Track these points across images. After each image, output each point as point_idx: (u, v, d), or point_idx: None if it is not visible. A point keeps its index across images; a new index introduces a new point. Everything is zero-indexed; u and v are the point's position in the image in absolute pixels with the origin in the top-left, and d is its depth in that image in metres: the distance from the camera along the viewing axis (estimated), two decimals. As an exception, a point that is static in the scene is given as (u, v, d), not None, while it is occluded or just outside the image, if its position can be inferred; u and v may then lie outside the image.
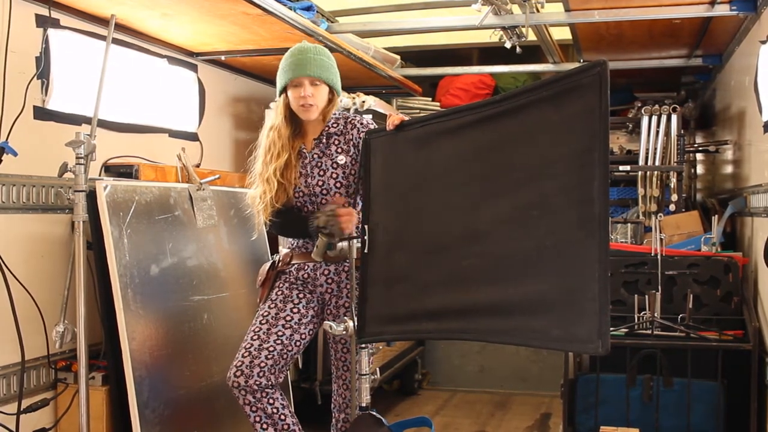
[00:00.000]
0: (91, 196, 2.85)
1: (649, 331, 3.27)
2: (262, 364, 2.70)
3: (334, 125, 2.85)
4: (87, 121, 3.05)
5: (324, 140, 2.83)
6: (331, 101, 2.82)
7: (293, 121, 2.83)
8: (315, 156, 2.82)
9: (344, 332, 2.63)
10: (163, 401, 2.96)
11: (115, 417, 3.00)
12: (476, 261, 2.25)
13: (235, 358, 2.74)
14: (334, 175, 2.81)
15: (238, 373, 2.69)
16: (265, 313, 2.81)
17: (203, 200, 3.45)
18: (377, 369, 2.82)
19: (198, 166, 4.00)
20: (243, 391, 2.69)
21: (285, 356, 2.76)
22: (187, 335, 3.18)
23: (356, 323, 2.62)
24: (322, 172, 2.81)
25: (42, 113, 3.00)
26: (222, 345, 3.35)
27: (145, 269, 3.02)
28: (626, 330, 3.33)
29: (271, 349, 2.73)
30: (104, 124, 3.30)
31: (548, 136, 2.06)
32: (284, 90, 2.79)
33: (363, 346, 2.67)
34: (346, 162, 2.81)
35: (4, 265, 2.73)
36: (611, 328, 3.29)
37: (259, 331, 2.77)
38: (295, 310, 2.82)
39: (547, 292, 2.00)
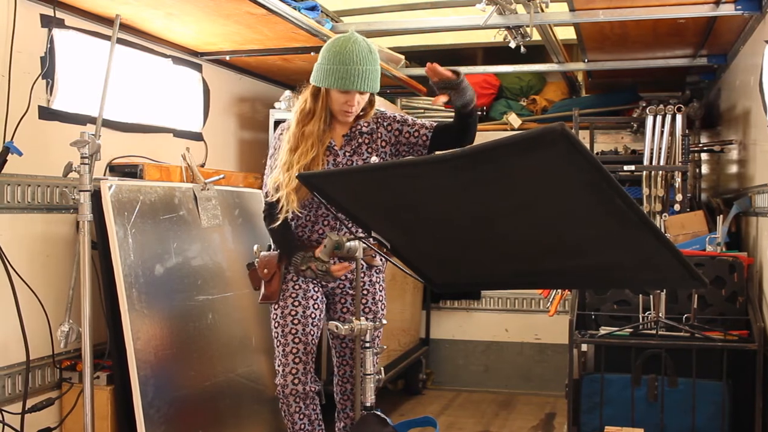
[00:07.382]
0: (96, 196, 2.85)
1: (654, 331, 3.27)
2: (312, 369, 2.67)
3: (366, 124, 2.77)
4: (92, 121, 3.05)
5: (356, 139, 2.75)
6: (370, 103, 2.74)
7: (326, 115, 2.72)
8: (346, 154, 2.74)
9: (351, 332, 2.62)
10: (168, 401, 2.96)
11: (119, 416, 3.00)
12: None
13: (284, 364, 2.67)
14: None
15: (296, 381, 2.64)
16: (294, 312, 2.75)
17: (208, 200, 3.45)
18: (382, 369, 2.81)
19: (202, 165, 4.01)
20: (297, 398, 2.64)
21: (315, 357, 2.74)
22: (191, 335, 3.18)
23: (425, 279, 2.25)
24: None
25: (47, 113, 3.01)
26: (226, 345, 3.35)
27: (150, 269, 3.02)
28: (631, 330, 3.32)
29: (312, 351, 2.70)
30: (109, 124, 3.31)
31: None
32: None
33: (368, 345, 2.66)
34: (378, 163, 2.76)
35: (9, 264, 2.73)
36: (616, 329, 3.32)
37: (297, 333, 2.71)
38: (315, 306, 2.78)
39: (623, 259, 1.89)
